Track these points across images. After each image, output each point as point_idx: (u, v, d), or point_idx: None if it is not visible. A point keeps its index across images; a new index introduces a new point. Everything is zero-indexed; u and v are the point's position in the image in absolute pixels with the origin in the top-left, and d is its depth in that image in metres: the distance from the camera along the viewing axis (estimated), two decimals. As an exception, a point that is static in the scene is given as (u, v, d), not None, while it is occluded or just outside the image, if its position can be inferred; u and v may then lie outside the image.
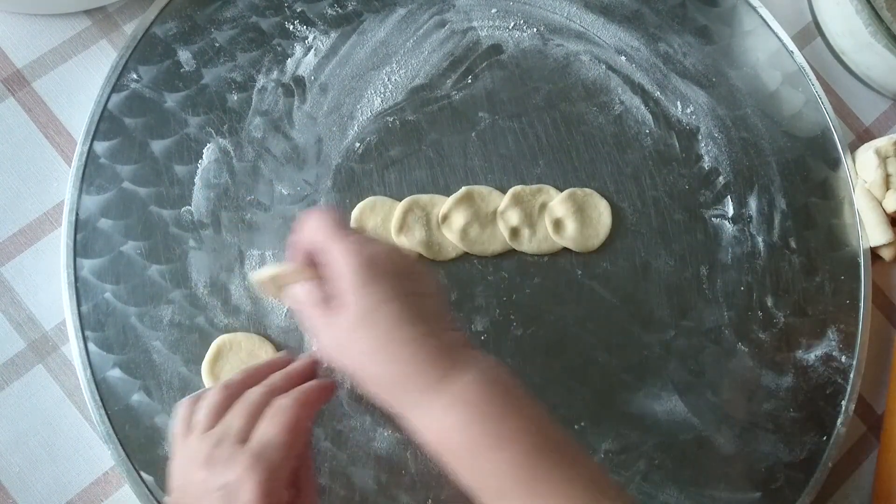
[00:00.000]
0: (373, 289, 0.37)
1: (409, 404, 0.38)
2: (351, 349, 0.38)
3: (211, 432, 0.40)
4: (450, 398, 0.37)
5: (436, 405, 0.37)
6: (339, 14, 0.57)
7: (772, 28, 0.62)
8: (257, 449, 0.38)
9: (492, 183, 0.55)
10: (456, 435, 0.37)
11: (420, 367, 0.37)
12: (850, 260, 0.58)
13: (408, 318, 0.37)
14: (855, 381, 0.56)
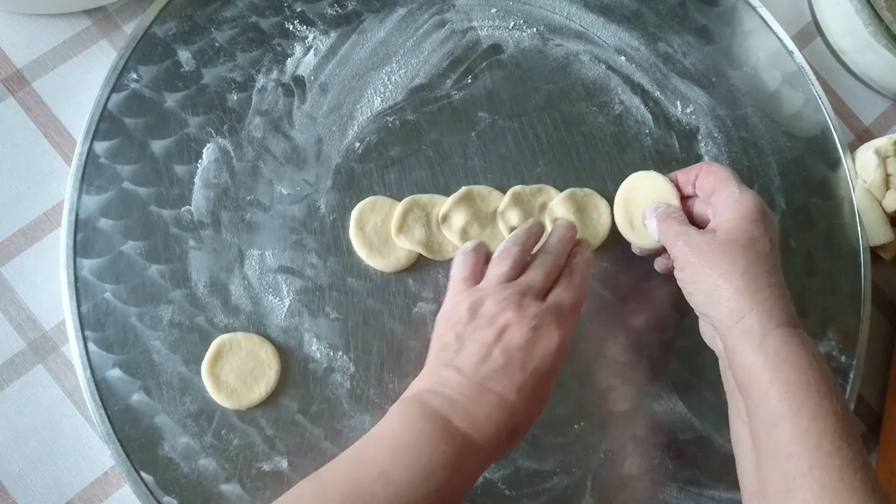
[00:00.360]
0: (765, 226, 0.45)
1: (759, 322, 0.42)
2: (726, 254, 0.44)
3: (516, 282, 0.44)
4: (800, 338, 0.41)
5: (786, 336, 0.41)
6: (338, 14, 0.57)
7: (772, 28, 0.62)
8: (561, 309, 0.44)
9: (492, 183, 0.55)
10: (793, 369, 0.40)
11: (781, 303, 0.43)
12: (850, 260, 0.58)
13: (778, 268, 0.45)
14: (855, 381, 0.56)
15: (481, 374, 0.41)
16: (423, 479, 0.37)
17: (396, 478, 0.37)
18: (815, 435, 0.39)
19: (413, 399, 0.41)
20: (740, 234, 0.44)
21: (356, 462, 0.39)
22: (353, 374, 0.51)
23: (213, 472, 0.48)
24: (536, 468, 0.51)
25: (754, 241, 0.44)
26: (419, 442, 0.38)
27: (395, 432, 0.39)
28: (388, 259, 0.53)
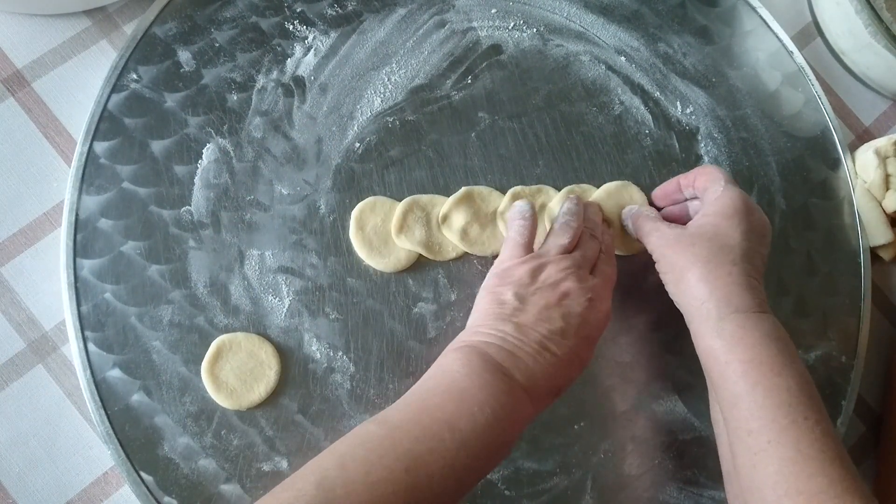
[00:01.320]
0: (740, 220, 0.47)
1: (718, 308, 0.45)
2: (694, 244, 0.47)
3: (573, 255, 0.48)
4: (755, 321, 0.44)
5: (741, 321, 0.44)
6: (338, 14, 0.57)
7: (772, 28, 0.62)
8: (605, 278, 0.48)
9: (492, 183, 0.55)
10: (747, 350, 0.43)
11: (743, 289, 0.45)
12: (850, 260, 0.58)
13: (748, 259, 0.46)
14: (855, 381, 0.56)
15: (541, 333, 0.43)
16: (485, 428, 0.39)
17: (462, 427, 0.39)
18: (770, 410, 0.41)
19: (473, 350, 0.43)
20: (708, 227, 0.47)
21: (422, 409, 0.40)
22: (353, 374, 0.51)
23: (213, 473, 0.48)
24: (536, 468, 0.51)
25: (722, 234, 0.47)
26: (483, 393, 0.40)
27: (460, 382, 0.41)
28: (388, 259, 0.53)
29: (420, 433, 0.39)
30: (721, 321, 0.44)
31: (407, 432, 0.39)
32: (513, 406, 0.41)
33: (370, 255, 0.52)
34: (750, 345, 0.43)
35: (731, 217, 0.47)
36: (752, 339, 0.43)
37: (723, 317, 0.44)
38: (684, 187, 0.54)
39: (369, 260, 0.53)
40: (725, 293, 0.45)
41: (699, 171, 0.52)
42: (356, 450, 0.38)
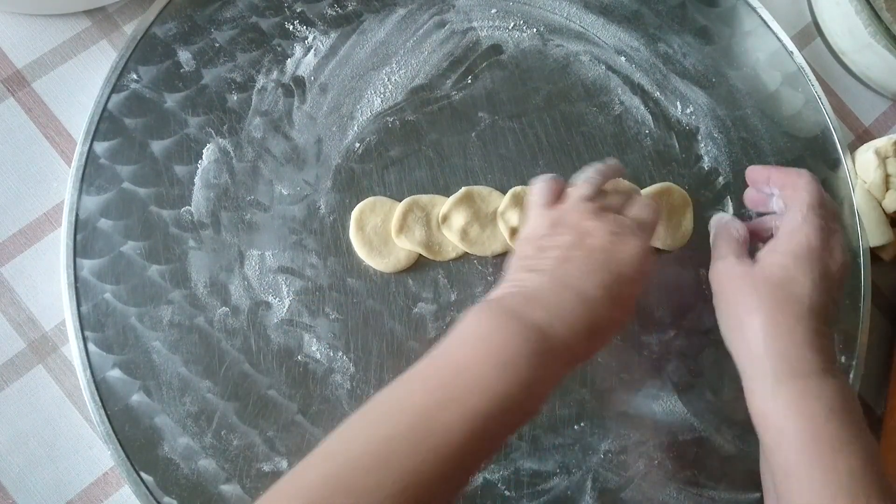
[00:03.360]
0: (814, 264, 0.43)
1: (774, 372, 0.41)
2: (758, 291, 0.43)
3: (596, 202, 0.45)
4: (816, 389, 0.40)
5: (800, 388, 0.40)
6: (338, 14, 0.57)
7: (771, 28, 0.62)
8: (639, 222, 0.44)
9: (492, 183, 0.55)
10: (806, 423, 0.39)
11: (805, 350, 0.41)
12: (850, 260, 0.58)
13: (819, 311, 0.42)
14: (855, 381, 0.56)
15: (561, 272, 0.40)
16: (502, 370, 0.35)
17: (474, 370, 0.35)
18: (828, 493, 0.38)
19: (487, 303, 0.40)
20: (777, 270, 0.43)
21: (431, 364, 0.37)
22: (353, 374, 0.51)
23: (213, 473, 0.48)
24: (536, 468, 0.51)
25: (790, 280, 0.42)
26: (495, 335, 0.37)
27: (470, 330, 0.38)
28: (388, 259, 0.53)
29: (434, 386, 0.36)
30: (778, 384, 0.41)
31: (418, 383, 0.36)
32: (535, 347, 0.37)
33: (370, 256, 0.52)
34: (809, 416, 0.39)
35: (803, 260, 0.43)
36: (811, 410, 0.40)
37: (780, 380, 0.41)
38: (773, 185, 0.50)
39: (369, 260, 0.53)
40: (786, 353, 0.41)
41: (789, 180, 0.48)
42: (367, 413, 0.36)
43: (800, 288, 0.42)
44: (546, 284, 0.40)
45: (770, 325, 0.42)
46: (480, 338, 0.37)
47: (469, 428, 0.34)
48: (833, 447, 0.39)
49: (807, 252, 0.43)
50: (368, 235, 0.53)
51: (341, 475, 0.33)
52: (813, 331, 0.42)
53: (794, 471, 0.40)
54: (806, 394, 0.40)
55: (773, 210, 0.51)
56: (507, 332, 0.37)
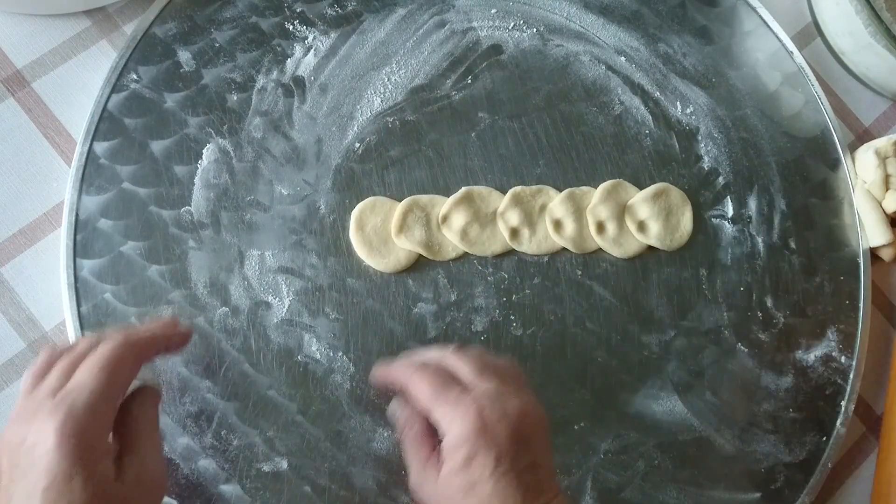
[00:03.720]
0: (482, 461, 0.37)
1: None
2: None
3: (30, 393, 0.37)
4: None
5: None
6: (338, 14, 0.57)
7: (771, 28, 0.62)
8: (62, 395, 0.34)
9: (492, 183, 0.55)
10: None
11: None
12: (850, 260, 0.58)
13: (516, 496, 0.37)
14: (854, 381, 0.56)
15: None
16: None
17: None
18: None
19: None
20: (457, 480, 0.38)
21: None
22: (352, 374, 0.51)
23: (213, 473, 0.48)
24: (536, 468, 0.51)
25: (474, 486, 0.37)
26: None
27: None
28: (388, 259, 0.53)
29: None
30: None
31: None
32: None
33: (370, 256, 0.52)
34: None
35: (471, 459, 0.37)
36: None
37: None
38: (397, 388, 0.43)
39: (369, 260, 0.53)
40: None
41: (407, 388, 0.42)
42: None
43: (486, 489, 0.37)
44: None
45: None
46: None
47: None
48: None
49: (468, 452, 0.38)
50: (368, 235, 0.53)
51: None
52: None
53: None
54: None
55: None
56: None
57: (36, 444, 0.32)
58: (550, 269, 0.55)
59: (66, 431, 0.32)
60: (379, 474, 0.49)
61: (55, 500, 0.31)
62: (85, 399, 0.34)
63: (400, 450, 0.45)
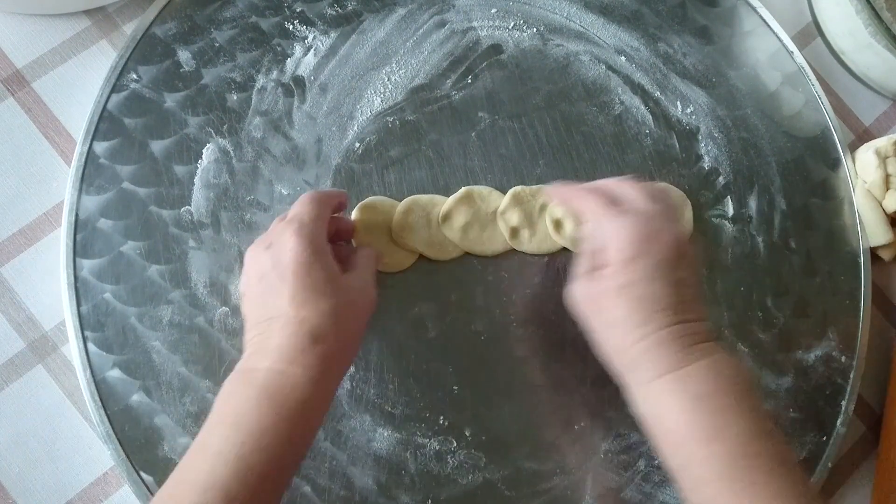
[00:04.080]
0: (643, 263, 0.41)
1: (638, 379, 0.42)
2: (602, 309, 0.43)
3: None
4: (678, 384, 0.40)
5: (665, 387, 0.40)
6: (338, 14, 0.57)
7: (772, 28, 0.62)
8: (289, 218, 0.44)
9: (492, 183, 0.55)
10: (675, 419, 0.40)
11: (659, 351, 0.41)
12: (850, 260, 0.58)
13: (663, 303, 0.41)
14: (855, 381, 0.56)
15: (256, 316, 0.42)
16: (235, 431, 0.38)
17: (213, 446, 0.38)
18: (711, 485, 0.38)
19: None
20: (612, 282, 0.42)
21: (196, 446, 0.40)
22: (352, 374, 0.51)
23: (213, 473, 0.48)
24: (536, 468, 0.51)
25: (624, 288, 0.41)
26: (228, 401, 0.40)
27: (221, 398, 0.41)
28: (388, 259, 0.52)
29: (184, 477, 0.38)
30: (642, 388, 0.41)
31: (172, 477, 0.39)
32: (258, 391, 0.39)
33: (370, 255, 0.52)
34: (679, 410, 0.39)
35: (630, 262, 0.41)
36: (680, 405, 0.39)
37: (643, 384, 0.41)
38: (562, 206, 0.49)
39: (369, 260, 0.52)
40: (645, 358, 0.41)
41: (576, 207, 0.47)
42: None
43: (638, 290, 0.41)
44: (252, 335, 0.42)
45: (626, 333, 0.42)
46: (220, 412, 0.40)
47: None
48: (708, 437, 0.38)
49: (628, 255, 0.42)
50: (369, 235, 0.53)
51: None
52: (667, 323, 0.41)
53: (677, 465, 0.40)
54: (671, 389, 0.40)
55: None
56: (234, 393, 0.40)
57: (280, 245, 0.42)
58: (550, 269, 0.55)
59: (301, 233, 0.42)
60: (379, 474, 0.49)
61: (303, 277, 0.40)
62: (307, 216, 0.43)
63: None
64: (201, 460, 0.38)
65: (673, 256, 0.42)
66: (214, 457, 0.37)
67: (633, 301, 0.41)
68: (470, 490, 0.50)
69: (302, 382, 0.39)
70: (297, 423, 0.39)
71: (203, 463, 0.38)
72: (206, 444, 0.39)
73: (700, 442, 0.39)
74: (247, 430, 0.38)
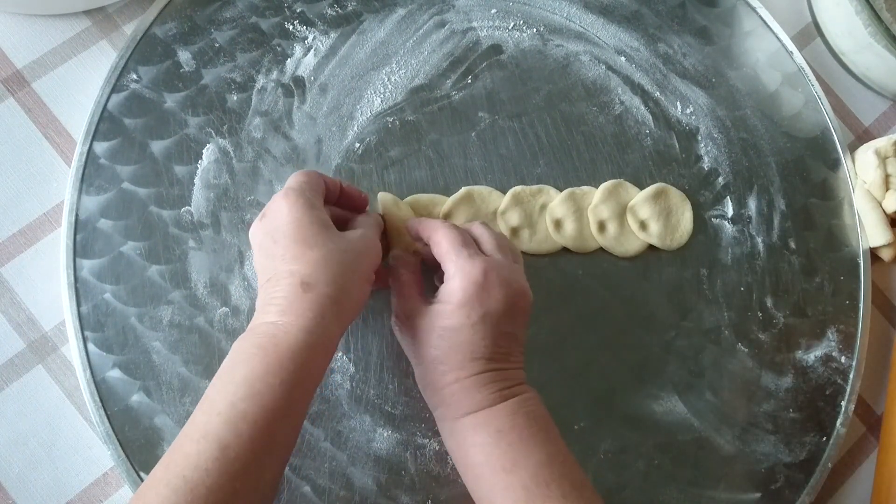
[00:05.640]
0: (470, 311, 0.42)
1: (446, 414, 0.44)
2: (424, 343, 0.44)
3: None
4: (482, 420, 0.42)
5: (470, 423, 0.42)
6: (338, 14, 0.57)
7: (771, 28, 0.62)
8: (284, 190, 0.44)
9: (492, 183, 0.55)
10: (478, 451, 0.42)
11: (469, 393, 0.42)
12: (850, 260, 0.58)
13: (480, 352, 0.43)
14: (854, 381, 0.56)
15: (261, 280, 0.43)
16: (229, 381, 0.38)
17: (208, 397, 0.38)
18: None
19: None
20: (442, 319, 0.43)
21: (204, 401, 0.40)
22: (352, 374, 0.51)
23: (213, 473, 0.48)
24: (536, 468, 0.51)
25: (454, 329, 0.43)
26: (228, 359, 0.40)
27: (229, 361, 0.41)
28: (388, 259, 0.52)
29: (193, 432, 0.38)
30: (451, 423, 0.43)
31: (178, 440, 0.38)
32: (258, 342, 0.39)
33: (370, 256, 0.52)
34: (480, 445, 0.41)
35: (461, 306, 0.42)
36: (481, 439, 0.41)
37: (451, 419, 0.43)
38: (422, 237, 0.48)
39: (369, 260, 0.52)
40: (455, 398, 0.43)
41: (426, 233, 0.47)
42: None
43: (461, 336, 0.42)
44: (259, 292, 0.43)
45: (441, 373, 0.43)
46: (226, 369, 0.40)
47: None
48: (504, 468, 0.41)
49: (461, 299, 0.42)
50: (368, 235, 0.53)
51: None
52: (480, 369, 0.43)
53: (479, 497, 0.42)
54: (474, 425, 0.42)
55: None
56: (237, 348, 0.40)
57: (272, 212, 0.43)
58: (550, 269, 0.55)
59: (288, 196, 0.43)
60: (379, 474, 0.49)
61: (293, 234, 0.41)
62: (294, 182, 0.44)
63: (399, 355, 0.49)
64: (197, 414, 0.38)
65: (501, 310, 0.43)
66: (209, 406, 0.38)
67: (453, 345, 0.42)
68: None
69: (293, 331, 0.39)
70: (290, 370, 0.38)
71: (199, 415, 0.38)
72: (205, 397, 0.39)
73: (499, 472, 0.41)
74: (240, 379, 0.38)
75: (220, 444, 0.36)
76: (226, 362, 0.40)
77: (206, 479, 0.35)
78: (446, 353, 0.43)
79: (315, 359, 0.40)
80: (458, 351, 0.43)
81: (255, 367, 0.38)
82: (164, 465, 0.37)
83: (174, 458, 0.37)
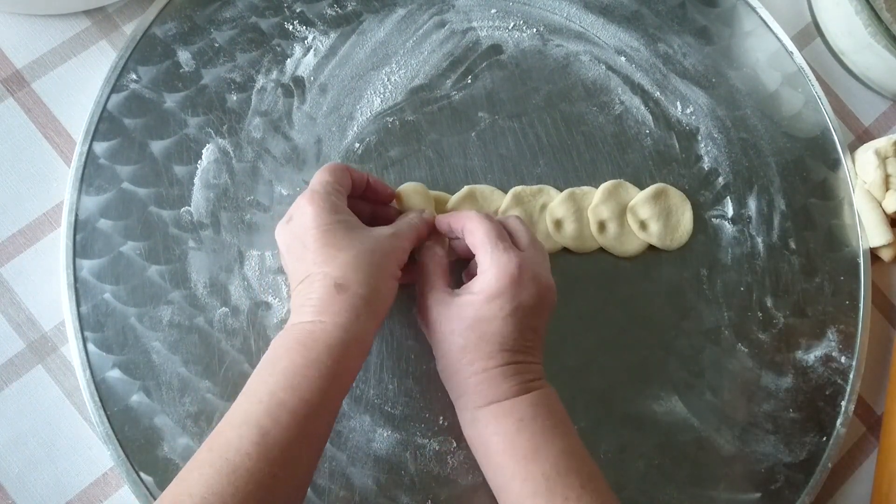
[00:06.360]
0: (501, 303, 0.43)
1: (469, 403, 0.45)
2: (452, 332, 0.44)
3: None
4: (505, 410, 0.43)
5: (493, 412, 0.43)
6: (338, 14, 0.57)
7: (771, 29, 0.62)
8: (307, 189, 0.46)
9: (492, 183, 0.55)
10: (499, 440, 0.43)
11: (493, 383, 0.43)
12: (850, 260, 0.58)
13: (508, 344, 0.44)
14: (854, 381, 0.56)
15: (293, 281, 0.45)
16: (269, 374, 0.40)
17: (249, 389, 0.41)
18: (527, 499, 0.41)
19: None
20: (471, 310, 0.44)
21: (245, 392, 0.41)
22: (352, 374, 0.51)
23: (213, 473, 0.48)
24: (536, 469, 0.51)
25: (482, 320, 0.44)
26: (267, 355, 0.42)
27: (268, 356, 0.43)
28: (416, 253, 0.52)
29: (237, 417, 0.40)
30: (476, 411, 0.44)
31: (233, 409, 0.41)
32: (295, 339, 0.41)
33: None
34: (503, 433, 0.43)
35: (494, 298, 0.43)
36: (503, 428, 0.43)
37: (478, 407, 0.44)
38: (455, 230, 0.49)
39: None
40: (479, 388, 0.44)
41: (466, 228, 0.47)
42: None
43: (491, 326, 0.43)
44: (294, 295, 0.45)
45: (464, 364, 0.44)
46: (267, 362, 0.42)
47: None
48: (526, 457, 0.42)
49: (497, 291, 0.43)
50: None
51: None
52: (506, 361, 0.44)
53: (501, 488, 0.43)
54: (500, 414, 0.43)
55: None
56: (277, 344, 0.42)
57: (298, 215, 0.44)
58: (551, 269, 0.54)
59: (314, 200, 0.44)
60: (379, 474, 0.49)
61: (322, 238, 0.43)
62: (319, 184, 0.46)
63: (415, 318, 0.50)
64: (239, 402, 0.40)
65: (532, 304, 0.44)
66: (250, 396, 0.40)
67: (483, 335, 0.44)
68: (470, 490, 0.50)
69: (330, 329, 0.41)
70: (327, 365, 0.40)
71: (240, 404, 0.40)
72: (246, 389, 0.41)
73: (521, 461, 0.42)
74: (280, 371, 0.40)
75: (260, 430, 0.38)
76: (267, 355, 0.42)
77: (246, 462, 0.37)
78: (476, 343, 0.44)
79: (351, 354, 0.41)
80: (487, 341, 0.44)
81: (294, 360, 0.40)
82: (206, 448, 0.39)
83: (217, 442, 0.38)
